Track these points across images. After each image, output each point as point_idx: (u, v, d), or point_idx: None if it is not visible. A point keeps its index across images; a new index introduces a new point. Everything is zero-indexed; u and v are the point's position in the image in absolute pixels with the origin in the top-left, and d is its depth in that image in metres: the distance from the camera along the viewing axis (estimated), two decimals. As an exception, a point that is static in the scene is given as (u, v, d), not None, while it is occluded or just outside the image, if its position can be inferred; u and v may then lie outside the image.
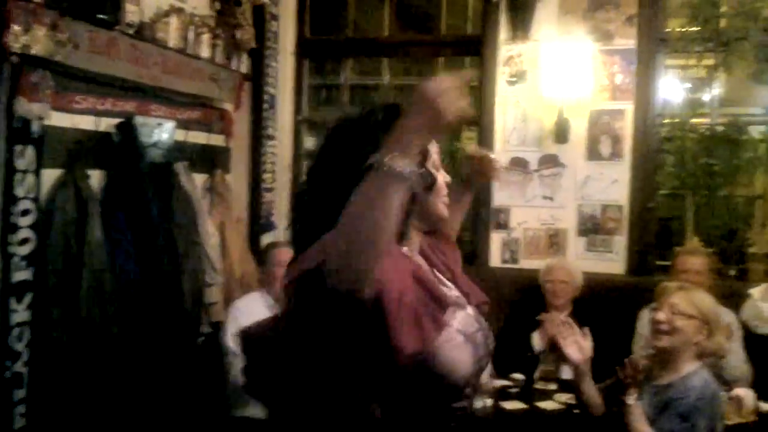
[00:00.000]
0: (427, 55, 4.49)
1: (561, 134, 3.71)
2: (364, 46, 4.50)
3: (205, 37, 3.43)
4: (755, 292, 3.33)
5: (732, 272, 3.86)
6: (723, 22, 3.89)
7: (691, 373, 2.19)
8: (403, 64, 5.06)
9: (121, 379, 2.67)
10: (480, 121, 3.90)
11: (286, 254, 3.04)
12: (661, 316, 2.20)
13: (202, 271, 3.26)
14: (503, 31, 3.85)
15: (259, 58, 3.87)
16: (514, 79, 3.82)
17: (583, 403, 2.33)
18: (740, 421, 2.76)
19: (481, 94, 3.91)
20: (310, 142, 4.54)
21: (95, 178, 2.75)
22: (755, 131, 3.84)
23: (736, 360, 3.24)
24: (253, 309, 2.98)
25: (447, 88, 1.08)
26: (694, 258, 3.38)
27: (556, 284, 3.46)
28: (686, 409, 2.11)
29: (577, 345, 2.28)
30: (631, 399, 2.15)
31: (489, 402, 2.68)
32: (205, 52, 3.42)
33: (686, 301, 2.21)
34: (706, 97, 3.99)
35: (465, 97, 1.10)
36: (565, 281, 3.47)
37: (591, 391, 2.30)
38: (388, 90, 4.49)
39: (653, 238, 3.86)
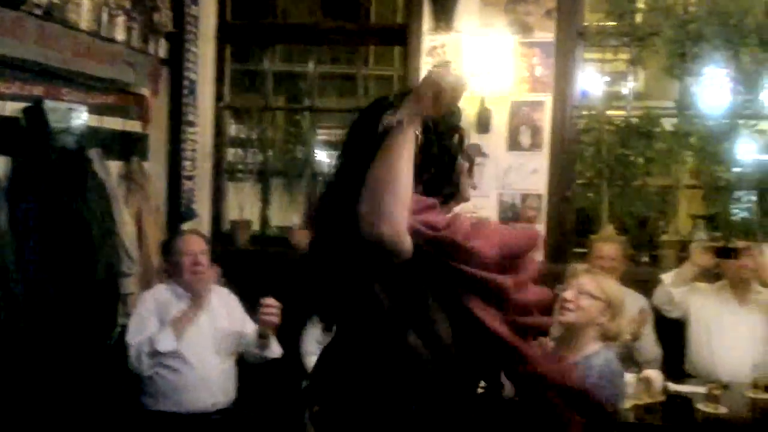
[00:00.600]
0: (354, 44, 4.48)
1: (483, 124, 3.77)
2: (288, 32, 4.44)
3: (120, 20, 3.31)
4: (666, 277, 3.47)
5: (645, 259, 4.00)
6: (638, 18, 4.02)
7: (594, 353, 2.27)
8: (332, 52, 5.03)
9: (31, 373, 2.57)
10: (404, 110, 3.91)
11: (195, 243, 2.99)
12: (568, 294, 2.29)
13: (118, 261, 3.17)
14: (427, 21, 3.87)
15: (178, 42, 3.76)
16: (437, 69, 3.84)
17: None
18: (649, 401, 2.89)
19: (405, 83, 3.92)
20: (233, 129, 4.47)
21: (0, 164, 2.62)
22: (668, 124, 3.97)
23: (648, 343, 3.38)
24: (161, 301, 2.92)
25: (447, 75, 1.32)
26: (609, 245, 3.50)
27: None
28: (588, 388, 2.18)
29: None
30: None
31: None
32: (120, 35, 3.30)
33: (593, 283, 2.29)
34: (622, 90, 4.10)
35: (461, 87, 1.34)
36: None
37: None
38: (315, 78, 4.47)
39: (571, 226, 3.98)
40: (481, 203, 3.87)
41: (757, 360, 3.22)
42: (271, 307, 2.87)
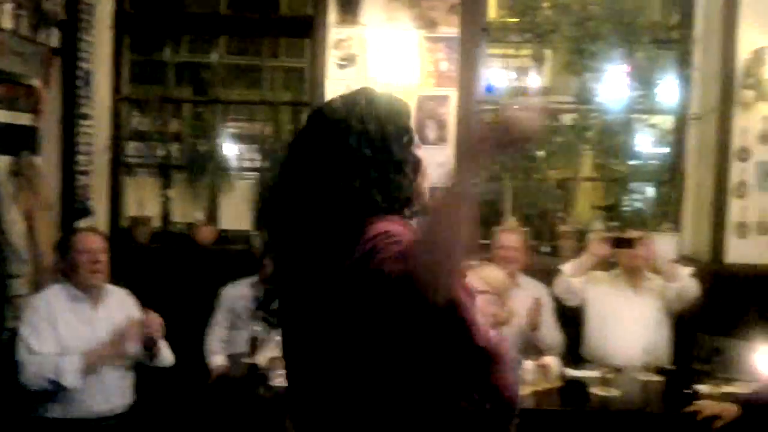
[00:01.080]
0: (257, 35, 4.40)
1: (389, 118, 3.78)
2: (190, 22, 4.31)
3: (7, 7, 3.13)
4: (566, 267, 3.59)
5: (545, 249, 4.13)
6: (540, 15, 4.12)
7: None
8: (242, 43, 4.93)
9: None
10: (310, 103, 3.89)
11: (93, 241, 2.87)
12: None
13: (7, 262, 3.01)
14: (333, 14, 3.85)
15: (71, 31, 3.59)
16: (344, 62, 3.83)
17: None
18: (547, 387, 2.98)
19: (311, 76, 3.89)
20: (135, 122, 4.32)
21: None
22: (568, 118, 4.10)
23: (548, 330, 3.49)
24: (54, 304, 2.78)
25: (521, 114, 1.20)
26: (511, 236, 3.59)
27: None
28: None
29: None
30: None
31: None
32: (7, 23, 3.12)
33: (476, 279, 2.31)
34: (524, 85, 4.20)
35: (535, 124, 1.22)
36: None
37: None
38: (220, 69, 4.37)
39: (476, 218, 4.04)
40: (388, 197, 3.89)
41: (649, 344, 3.38)
42: (154, 321, 2.79)
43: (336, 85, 3.85)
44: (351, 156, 1.35)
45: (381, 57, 3.74)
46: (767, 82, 3.74)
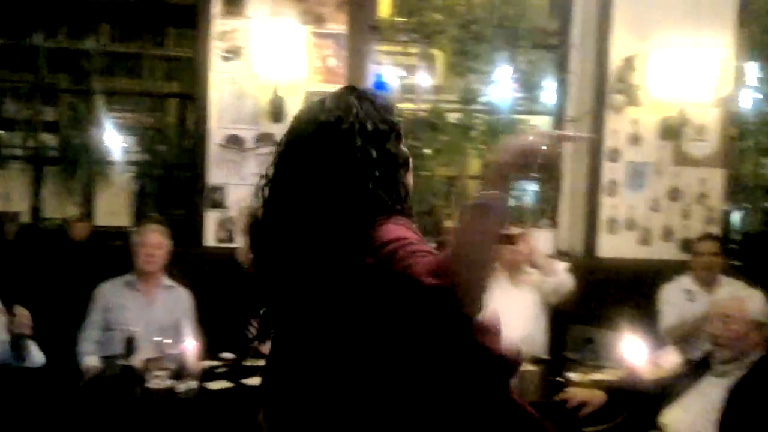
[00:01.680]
0: (142, 23, 4.24)
1: (276, 113, 3.74)
2: (61, 7, 4.07)
3: None
4: None
5: (432, 244, 4.20)
6: (427, 16, 4.20)
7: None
8: (124, 31, 4.72)
9: None
10: (194, 95, 3.78)
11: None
12: None
13: None
14: (218, 5, 3.75)
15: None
16: (229, 55, 3.75)
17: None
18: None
19: (196, 67, 3.78)
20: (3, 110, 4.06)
21: None
22: (452, 117, 4.20)
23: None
24: None
25: (541, 140, 1.26)
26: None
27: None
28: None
29: None
30: None
31: (193, 384, 2.65)
32: None
33: None
34: (413, 83, 4.27)
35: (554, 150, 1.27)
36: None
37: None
38: (99, 57, 4.17)
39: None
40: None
41: (526, 336, 3.50)
42: (23, 317, 2.64)
43: (221, 77, 3.77)
44: (359, 158, 1.36)
45: (267, 51, 3.69)
46: (637, 87, 3.97)
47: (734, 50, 4.01)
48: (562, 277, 3.52)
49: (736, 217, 4.33)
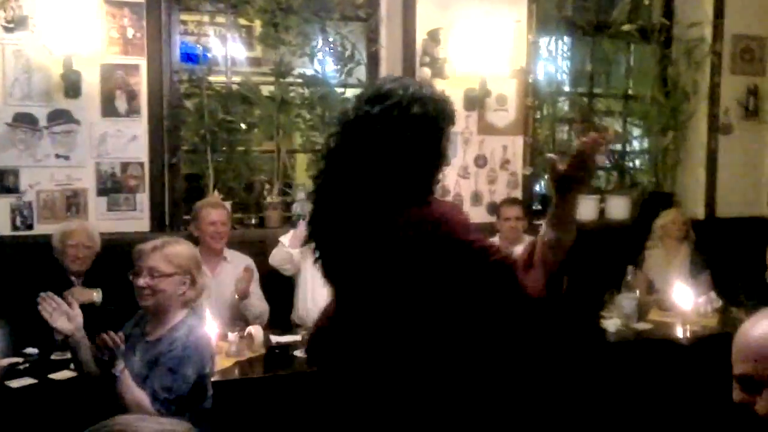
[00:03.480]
0: None
1: (71, 88, 3.47)
2: None
3: None
4: (284, 239, 3.63)
5: (253, 221, 4.15)
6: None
7: (178, 323, 2.23)
8: None
9: None
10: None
11: None
12: (142, 282, 2.19)
13: None
14: (-5, -32, 3.40)
15: None
16: (11, 25, 3.42)
17: (84, 372, 2.23)
18: (252, 356, 3.02)
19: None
20: None
21: None
22: (266, 90, 4.13)
23: (255, 300, 3.53)
24: None
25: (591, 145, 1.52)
26: (215, 210, 3.54)
27: (79, 249, 3.27)
28: (174, 362, 2.14)
29: (67, 315, 2.16)
30: (117, 370, 2.10)
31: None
32: None
33: (164, 262, 2.21)
34: (223, 55, 4.12)
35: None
36: (88, 245, 3.31)
37: (88, 357, 2.20)
38: None
39: (179, 193, 3.93)
40: (76, 174, 3.60)
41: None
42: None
43: (5, 50, 3.43)
44: (435, 146, 1.71)
45: (56, 21, 3.39)
46: (443, 60, 4.13)
47: (527, 24, 4.30)
48: None
49: (536, 180, 4.66)
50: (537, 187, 4.69)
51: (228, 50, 4.10)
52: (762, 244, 4.07)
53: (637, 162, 5.06)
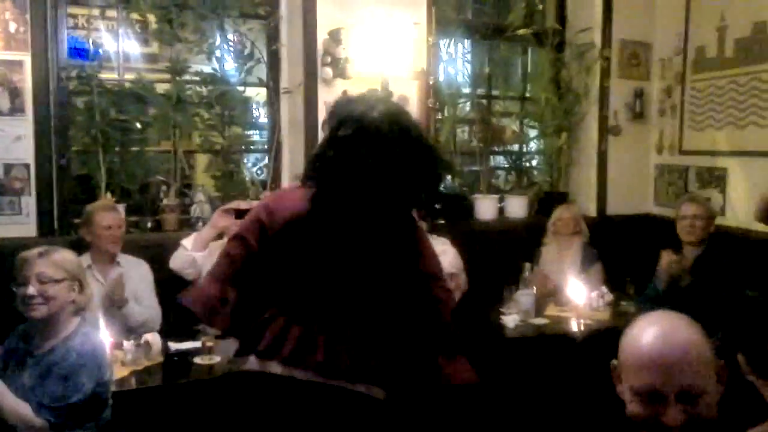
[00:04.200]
0: None
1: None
2: None
3: None
4: (186, 242, 3.49)
5: (149, 224, 4.00)
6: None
7: (72, 333, 2.16)
8: None
9: None
10: None
11: None
12: (32, 290, 2.09)
13: None
14: None
15: None
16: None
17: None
18: (149, 364, 2.92)
19: None
20: None
21: None
22: (161, 89, 3.99)
23: (149, 306, 3.40)
24: None
25: None
26: (109, 214, 3.39)
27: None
28: (68, 371, 2.07)
29: None
30: None
31: None
32: None
33: (52, 267, 2.13)
34: (114, 52, 3.95)
35: None
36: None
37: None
38: None
39: (69, 196, 3.74)
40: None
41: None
42: None
43: None
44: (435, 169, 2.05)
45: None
46: (345, 60, 4.12)
47: (427, 27, 4.35)
48: None
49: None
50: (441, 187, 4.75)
51: (121, 46, 3.93)
52: (648, 240, 4.31)
53: (534, 162, 5.24)
